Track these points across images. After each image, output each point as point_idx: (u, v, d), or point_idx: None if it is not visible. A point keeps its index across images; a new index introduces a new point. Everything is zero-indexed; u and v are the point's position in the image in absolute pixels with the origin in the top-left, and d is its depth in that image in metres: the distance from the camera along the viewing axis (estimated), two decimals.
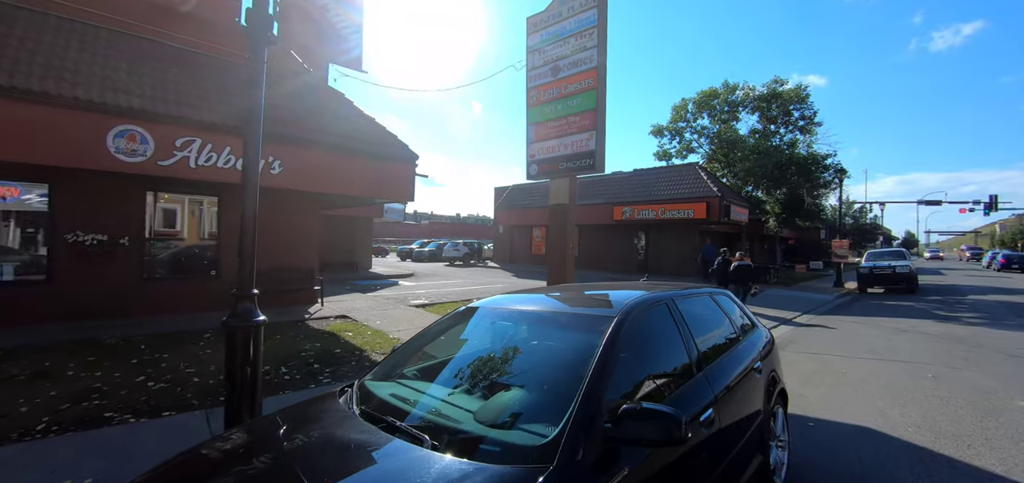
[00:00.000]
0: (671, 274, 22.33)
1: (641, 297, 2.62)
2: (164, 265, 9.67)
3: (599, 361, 1.98)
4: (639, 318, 2.41)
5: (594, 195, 25.30)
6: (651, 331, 2.50)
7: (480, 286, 17.83)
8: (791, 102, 22.03)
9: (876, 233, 52.49)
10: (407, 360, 2.68)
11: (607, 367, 1.97)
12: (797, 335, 9.46)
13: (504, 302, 2.90)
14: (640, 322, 2.41)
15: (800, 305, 14.03)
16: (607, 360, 2.01)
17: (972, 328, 10.04)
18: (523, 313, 2.71)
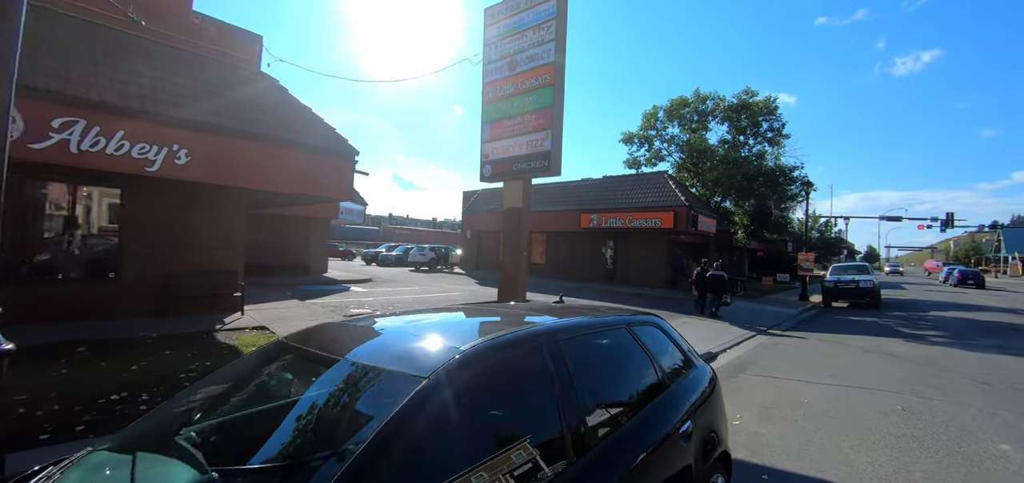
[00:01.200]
0: (639, 283, 21.79)
1: (494, 341, 1.75)
2: (51, 266, 8.36)
3: (363, 456, 1.12)
4: (477, 377, 1.55)
5: (562, 201, 24.62)
6: (497, 394, 1.64)
7: (437, 294, 16.83)
8: (760, 113, 21.91)
9: (840, 247, 53.73)
10: (169, 416, 1.75)
11: (380, 463, 1.11)
12: (759, 354, 8.82)
13: (312, 338, 1.98)
14: (478, 382, 1.54)
15: (765, 319, 13.54)
16: (381, 452, 1.14)
17: (938, 348, 9.62)
18: (319, 359, 1.79)
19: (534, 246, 26.71)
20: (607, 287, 21.39)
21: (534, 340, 1.89)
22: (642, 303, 16.09)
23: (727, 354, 8.88)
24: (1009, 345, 10.21)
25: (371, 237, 72.50)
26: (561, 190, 25.73)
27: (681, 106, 23.07)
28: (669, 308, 15.00)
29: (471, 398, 1.48)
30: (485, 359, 1.60)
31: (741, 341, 10.22)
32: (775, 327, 12.61)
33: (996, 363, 8.34)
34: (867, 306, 18.07)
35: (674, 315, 13.36)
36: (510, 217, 10.87)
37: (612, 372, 2.21)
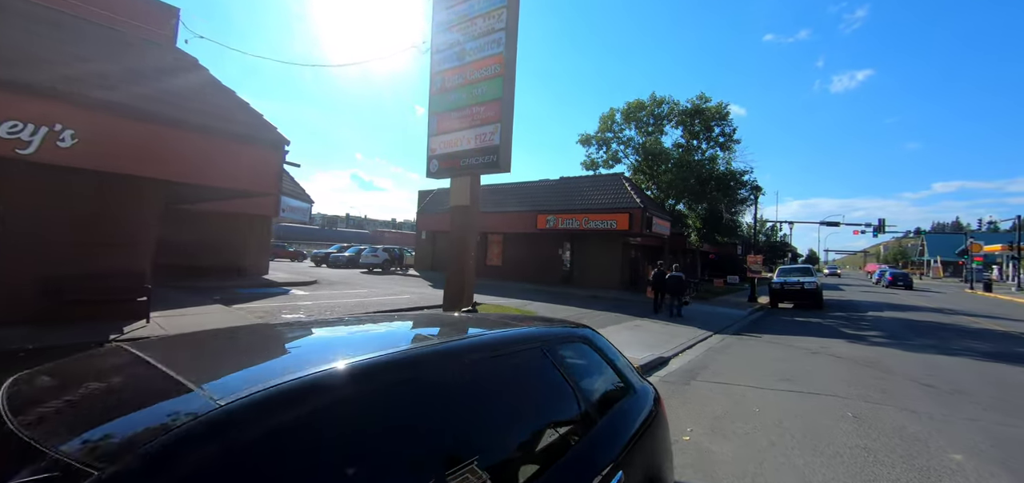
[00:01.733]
0: (595, 285, 21.64)
1: (330, 373, 1.14)
2: None
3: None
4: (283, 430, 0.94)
5: (519, 202, 24.18)
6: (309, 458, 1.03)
7: (383, 297, 15.90)
8: (713, 119, 22.38)
9: (786, 250, 56.36)
10: None
11: None
12: (711, 358, 8.60)
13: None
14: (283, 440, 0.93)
15: (716, 322, 13.55)
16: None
17: (878, 349, 9.76)
18: None
19: (491, 248, 26.13)
20: (564, 289, 21.09)
21: (400, 366, 1.29)
22: (597, 306, 15.83)
23: (679, 358, 8.60)
24: (944, 345, 10.54)
25: (327, 238, 69.71)
26: (518, 191, 25.29)
27: (638, 109, 23.23)
28: (624, 310, 14.80)
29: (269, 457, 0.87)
30: (296, 403, 0.99)
31: (693, 344, 10.03)
32: (726, 329, 12.60)
33: (935, 364, 8.47)
34: (811, 307, 18.65)
35: (627, 317, 13.14)
36: (457, 216, 10.23)
37: (512, 414, 1.63)
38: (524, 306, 14.53)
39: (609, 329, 11.14)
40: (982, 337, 12.23)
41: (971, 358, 9.11)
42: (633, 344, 9.33)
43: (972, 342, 11.26)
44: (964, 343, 11.03)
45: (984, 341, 11.53)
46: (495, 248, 25.82)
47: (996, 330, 13.89)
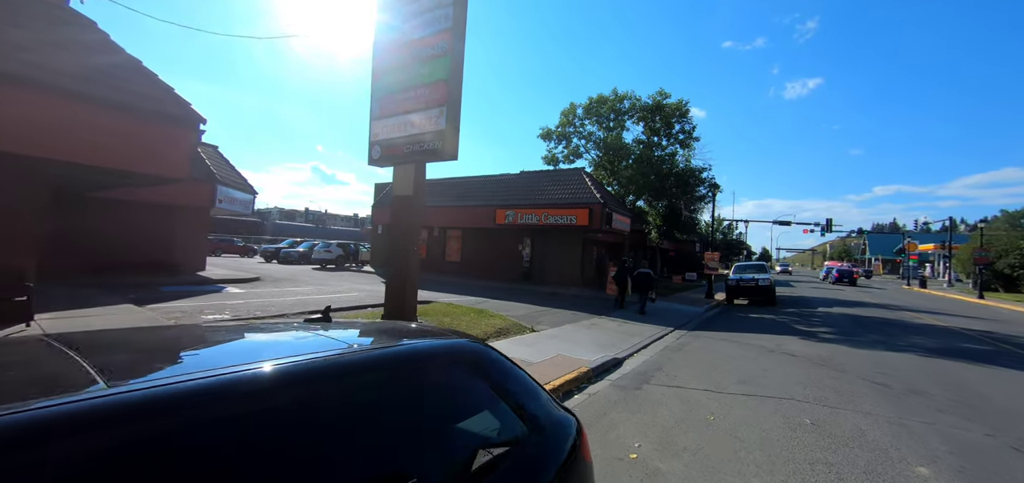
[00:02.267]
0: (556, 282, 21.22)
1: None
2: None
3: None
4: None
5: (478, 196, 23.45)
6: None
7: (330, 295, 14.82)
8: (673, 115, 22.41)
9: (741, 248, 58.19)
10: None
11: None
12: (666, 358, 8.19)
13: None
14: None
15: (673, 318, 13.32)
16: None
17: (831, 346, 9.68)
18: None
19: (450, 243, 25.28)
20: (524, 286, 20.55)
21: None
22: (556, 303, 15.34)
23: (634, 359, 8.16)
24: (891, 341, 10.63)
25: (284, 233, 66.61)
26: (478, 185, 24.55)
27: (600, 104, 22.97)
28: (583, 308, 14.38)
29: None
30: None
31: (650, 342, 9.64)
32: (684, 326, 12.36)
33: (885, 362, 8.40)
34: (765, 303, 18.91)
35: (585, 315, 12.70)
36: (400, 207, 9.40)
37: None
38: (480, 304, 13.86)
39: (565, 328, 10.64)
40: (925, 333, 12.53)
41: (918, 355, 9.14)
42: (588, 344, 8.83)
43: (917, 338, 11.45)
44: (910, 339, 11.19)
45: (928, 336, 11.77)
46: (454, 244, 25.00)
47: (937, 325, 14.34)
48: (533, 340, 8.95)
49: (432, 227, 25.58)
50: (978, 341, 11.48)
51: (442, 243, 25.46)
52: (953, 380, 7.23)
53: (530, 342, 8.75)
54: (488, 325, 9.69)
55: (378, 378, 1.28)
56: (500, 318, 10.72)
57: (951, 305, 23.51)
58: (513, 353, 7.68)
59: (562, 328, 10.68)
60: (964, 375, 7.64)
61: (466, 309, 11.74)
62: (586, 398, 5.77)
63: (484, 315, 10.99)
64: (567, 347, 8.44)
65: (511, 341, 8.73)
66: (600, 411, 5.24)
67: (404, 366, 1.40)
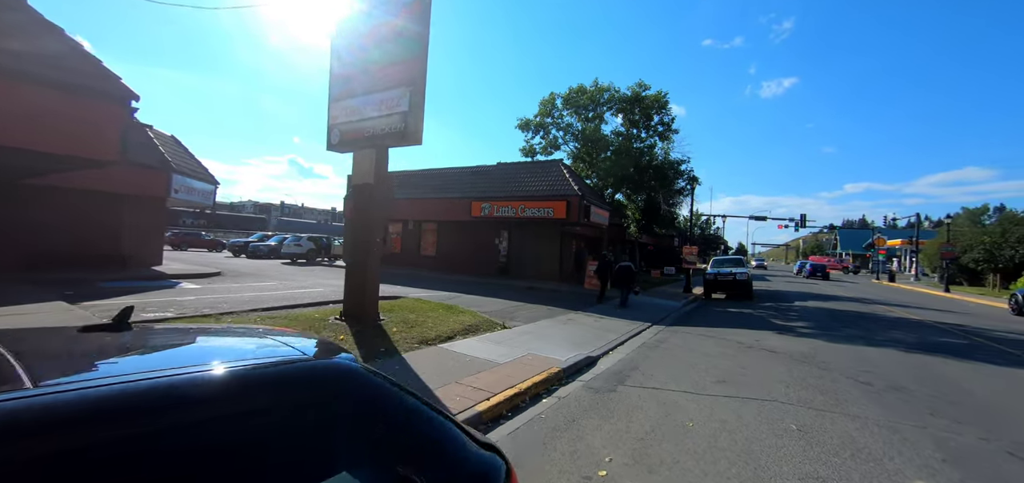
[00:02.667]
0: (534, 276, 20.75)
1: None
2: None
3: None
4: None
5: (453, 188, 22.75)
6: None
7: (292, 291, 14.00)
8: (652, 107, 22.09)
9: (718, 243, 58.88)
10: None
11: None
12: (642, 356, 7.76)
13: None
14: None
15: (651, 313, 12.98)
16: None
17: (810, 342, 9.41)
18: None
19: (425, 237, 24.54)
20: (501, 281, 20.01)
21: None
22: (532, 298, 14.84)
23: (609, 357, 7.70)
24: (870, 336, 10.47)
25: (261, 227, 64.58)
26: (453, 177, 23.85)
27: (579, 94, 22.46)
28: (560, 303, 13.91)
29: None
30: None
31: (626, 339, 9.22)
32: (661, 321, 12.02)
33: (866, 357, 8.15)
34: (742, 297, 18.82)
35: (562, 311, 12.22)
36: (360, 196, 8.72)
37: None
38: (452, 299, 13.26)
39: (540, 324, 10.14)
40: (900, 326, 12.47)
41: (898, 350, 8.94)
42: (562, 341, 8.35)
43: (894, 332, 11.35)
44: (887, 333, 11.07)
45: (903, 330, 11.68)
46: (429, 237, 24.27)
47: (910, 319, 14.37)
48: (504, 337, 8.41)
49: (407, 220, 24.80)
50: (952, 334, 11.44)
51: (417, 237, 24.71)
52: (935, 377, 6.99)
53: (501, 339, 8.21)
54: (456, 322, 9.11)
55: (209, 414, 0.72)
56: (470, 314, 10.15)
57: (920, 298, 23.95)
58: (481, 352, 7.13)
59: (537, 324, 10.18)
60: (945, 371, 7.42)
61: (435, 305, 11.13)
62: (555, 403, 5.27)
63: (454, 311, 10.41)
64: (540, 344, 7.94)
65: (481, 339, 8.18)
66: (569, 417, 4.74)
67: (176, 409, 0.83)
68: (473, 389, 5.28)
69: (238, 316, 8.59)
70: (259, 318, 8.31)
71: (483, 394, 5.11)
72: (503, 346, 7.66)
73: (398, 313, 9.58)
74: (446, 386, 5.36)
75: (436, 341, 7.67)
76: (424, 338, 7.68)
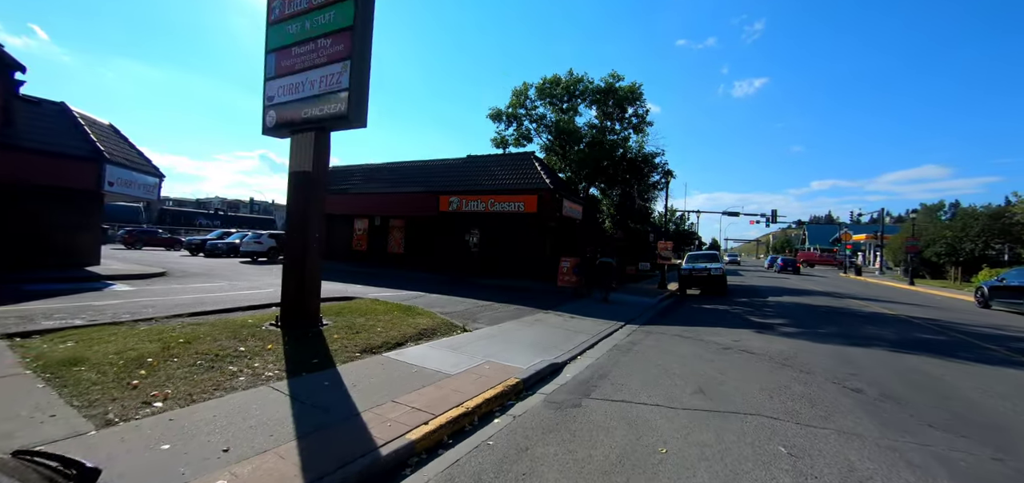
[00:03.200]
0: (507, 274, 19.96)
1: None
2: None
3: None
4: None
5: (421, 182, 21.72)
6: None
7: (242, 292, 12.84)
8: (626, 99, 21.48)
9: (693, 238, 59.32)
10: None
11: None
12: (613, 361, 7.05)
13: None
14: None
15: (625, 312, 12.36)
16: None
17: (791, 342, 8.90)
18: None
19: (392, 234, 23.42)
20: (472, 279, 19.15)
21: None
22: (501, 297, 14.03)
23: (577, 363, 6.96)
24: (850, 333, 10.05)
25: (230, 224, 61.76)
26: (420, 170, 22.81)
27: (553, 84, 21.63)
28: (531, 302, 13.14)
29: None
30: None
31: (596, 341, 8.51)
32: (635, 320, 11.39)
33: (850, 358, 7.64)
34: (717, 293, 18.49)
35: (531, 310, 11.45)
36: (297, 187, 7.71)
37: None
38: (415, 299, 12.35)
39: (505, 326, 9.35)
40: (877, 322, 12.18)
41: (882, 349, 8.50)
42: (527, 346, 7.57)
43: (872, 328, 11.00)
44: (865, 330, 10.70)
45: (882, 326, 11.36)
46: (396, 235, 23.16)
47: (885, 314, 14.17)
48: (462, 343, 7.57)
49: (373, 216, 23.63)
50: (931, 330, 11.18)
51: (384, 234, 23.57)
52: (925, 379, 6.49)
53: (458, 345, 7.37)
54: (410, 325, 8.23)
55: None
56: (427, 316, 9.28)
57: (889, 292, 24.21)
58: (433, 361, 6.27)
59: (501, 326, 9.38)
60: (933, 371, 6.96)
61: (392, 306, 10.21)
62: (509, 423, 4.47)
63: (411, 313, 9.51)
64: (501, 350, 7.14)
65: (435, 344, 7.32)
66: (522, 444, 3.95)
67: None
68: (411, 410, 4.43)
69: (158, 323, 7.50)
70: (180, 325, 7.24)
71: (422, 417, 4.27)
72: (459, 353, 6.82)
73: (346, 316, 8.63)
74: (379, 407, 4.49)
75: (382, 349, 6.78)
76: (369, 345, 6.78)
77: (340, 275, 18.43)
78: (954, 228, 34.57)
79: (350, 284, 15.17)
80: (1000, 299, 16.54)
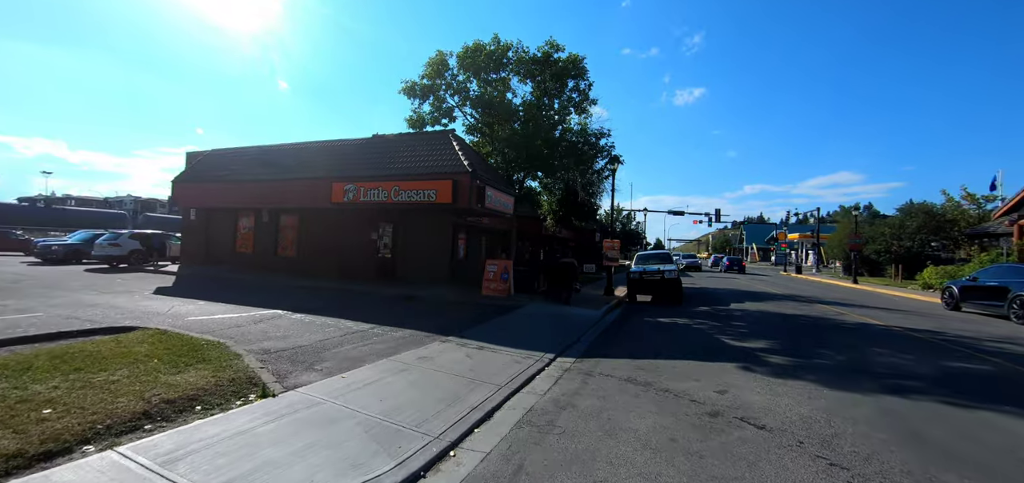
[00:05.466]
0: (425, 280, 16.16)
1: None
2: None
3: None
4: None
5: (316, 167, 17.39)
6: None
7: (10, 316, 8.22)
8: (567, 73, 18.20)
9: (640, 238, 58.05)
10: None
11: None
12: (520, 459, 3.52)
13: None
14: None
15: (559, 329, 9.00)
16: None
17: (803, 392, 5.80)
18: None
19: (283, 233, 18.88)
20: (377, 287, 15.18)
21: None
22: (398, 314, 10.17)
23: (451, 465, 3.40)
24: (865, 366, 7.15)
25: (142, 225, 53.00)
26: (316, 153, 18.42)
27: (476, 52, 17.69)
28: (435, 321, 9.44)
29: None
30: None
31: (500, 402, 5.01)
32: (571, 345, 8.03)
33: (921, 432, 4.58)
34: (671, 300, 15.75)
35: (428, 335, 7.65)
36: None
37: None
38: (271, 320, 8.41)
39: (363, 371, 5.64)
40: (881, 340, 9.53)
41: (937, 401, 5.50)
42: (363, 429, 3.89)
43: (884, 352, 8.23)
44: (880, 357, 7.90)
45: (897, 351, 8.61)
46: (288, 234, 18.65)
47: (876, 325, 11.74)
48: (235, 428, 3.78)
49: (260, 209, 18.97)
50: (957, 353, 8.62)
51: (273, 232, 18.98)
52: None
53: (207, 443, 3.53)
54: (158, 389, 4.34)
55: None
56: (212, 367, 5.36)
57: (842, 292, 22.78)
58: None
59: (355, 375, 5.64)
60: None
61: (174, 344, 6.19)
62: None
63: (193, 359, 5.58)
64: (322, 437, 3.47)
65: (149, 444, 3.45)
66: None
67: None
68: None
69: None
70: None
71: None
72: (195, 472, 3.03)
73: (65, 368, 4.60)
74: None
75: (29, 464, 2.88)
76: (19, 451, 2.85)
77: (206, 287, 13.89)
78: (893, 226, 34.59)
79: (212, 302, 10.87)
80: (973, 301, 14.83)
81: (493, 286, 14.73)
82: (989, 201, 38.93)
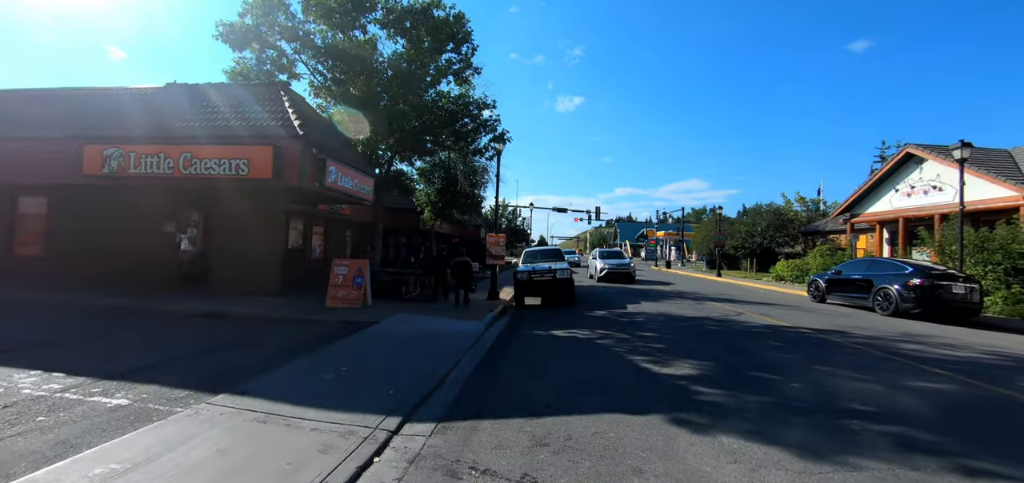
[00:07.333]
0: (239, 289, 11.84)
1: None
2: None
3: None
4: None
5: (67, 123, 11.87)
6: None
7: None
8: (448, 36, 14.88)
9: (525, 235, 57.33)
10: None
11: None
12: None
13: None
14: None
15: (420, 358, 5.96)
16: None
17: (762, 458, 3.61)
18: None
19: (28, 224, 12.84)
20: (184, 301, 10.55)
21: None
22: (188, 344, 6.10)
23: None
24: (819, 402, 5.36)
25: None
26: (68, 102, 12.76)
27: None
28: (255, 344, 5.71)
29: None
30: None
31: None
32: (430, 395, 5.04)
33: None
34: (563, 302, 13.78)
35: (179, 397, 3.90)
36: None
37: None
38: None
39: None
40: (801, 347, 8.24)
41: (936, 464, 3.71)
42: None
43: (843, 374, 6.73)
44: (835, 379, 6.32)
45: (838, 363, 7.25)
46: (35, 224, 12.71)
47: (787, 328, 10.76)
48: None
49: None
50: (912, 369, 7.51)
51: (9, 221, 12.81)
52: None
53: None
54: None
55: None
56: None
57: (715, 286, 23.37)
58: None
59: None
60: None
61: None
62: None
63: None
64: None
65: None
66: None
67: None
68: None
69: None
70: None
71: None
72: None
73: None
74: None
75: None
76: None
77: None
78: (747, 224, 37.94)
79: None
80: (838, 293, 15.28)
81: (342, 294, 11.15)
82: (816, 204, 45.43)
